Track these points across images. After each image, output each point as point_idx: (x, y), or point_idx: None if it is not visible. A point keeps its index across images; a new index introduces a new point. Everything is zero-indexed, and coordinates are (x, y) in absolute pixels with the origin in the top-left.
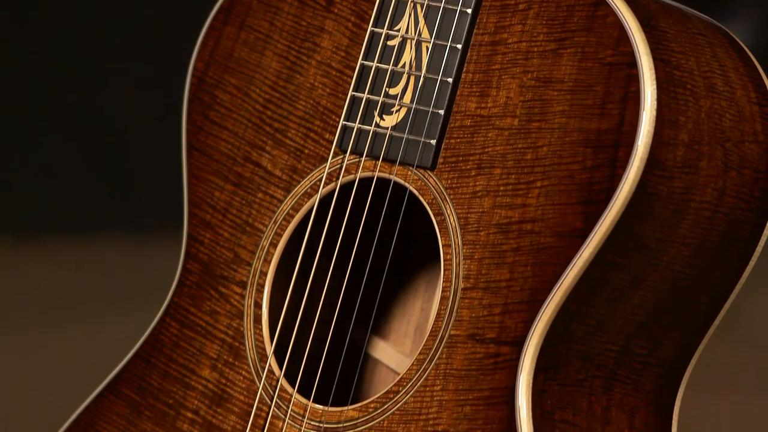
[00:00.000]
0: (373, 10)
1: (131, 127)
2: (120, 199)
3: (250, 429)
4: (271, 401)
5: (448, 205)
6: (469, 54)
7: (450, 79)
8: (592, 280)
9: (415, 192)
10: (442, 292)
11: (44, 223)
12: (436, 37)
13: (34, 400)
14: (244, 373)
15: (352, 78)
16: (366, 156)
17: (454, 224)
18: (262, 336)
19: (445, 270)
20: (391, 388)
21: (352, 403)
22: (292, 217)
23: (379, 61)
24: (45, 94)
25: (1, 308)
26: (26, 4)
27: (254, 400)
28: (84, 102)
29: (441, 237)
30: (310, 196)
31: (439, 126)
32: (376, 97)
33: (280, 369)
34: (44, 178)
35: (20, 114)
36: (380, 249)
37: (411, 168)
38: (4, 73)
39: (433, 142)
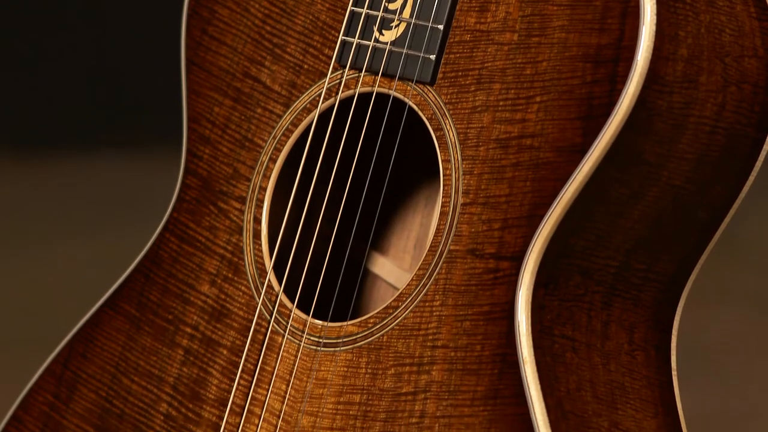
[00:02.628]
0: None
1: (130, 43)
2: (119, 114)
3: (250, 344)
4: (271, 317)
5: (447, 121)
6: None
7: None
8: (592, 195)
9: (415, 107)
10: (442, 207)
11: (43, 140)
12: None
13: (33, 315)
14: (243, 288)
15: None
16: (365, 71)
17: (453, 139)
18: (261, 251)
19: (444, 185)
20: (390, 303)
21: (351, 319)
22: (292, 132)
23: None
24: (44, 11)
25: (0, 224)
26: None
27: (253, 316)
28: (83, 18)
29: (440, 152)
30: (309, 111)
31: (439, 41)
32: (375, 12)
33: (280, 284)
34: (43, 94)
35: (19, 30)
36: (379, 164)
37: (410, 83)
38: None
39: (433, 57)
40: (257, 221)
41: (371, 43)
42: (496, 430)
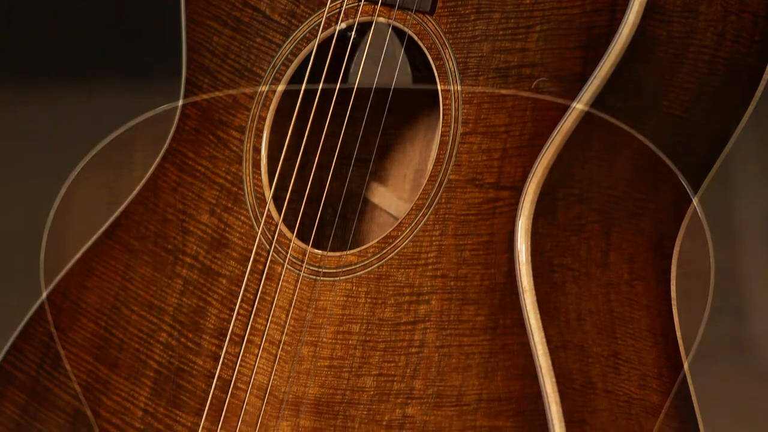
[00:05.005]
0: None
1: None
2: (118, 44)
3: (249, 274)
4: (270, 246)
5: (447, 50)
6: None
7: None
8: (592, 124)
9: (414, 36)
10: (441, 136)
11: (43, 69)
12: None
13: (32, 245)
14: (242, 218)
15: None
16: (365, 0)
17: (453, 69)
18: (260, 181)
19: (444, 114)
20: (389, 232)
21: (350, 249)
22: (291, 61)
23: None
24: None
25: (1, 154)
26: None
27: (253, 245)
28: None
29: (440, 82)
30: (308, 40)
31: None
32: None
33: (279, 214)
34: (43, 23)
35: None
36: (379, 95)
37: (410, 12)
38: None
39: None
40: (257, 151)
41: None
42: (495, 360)
